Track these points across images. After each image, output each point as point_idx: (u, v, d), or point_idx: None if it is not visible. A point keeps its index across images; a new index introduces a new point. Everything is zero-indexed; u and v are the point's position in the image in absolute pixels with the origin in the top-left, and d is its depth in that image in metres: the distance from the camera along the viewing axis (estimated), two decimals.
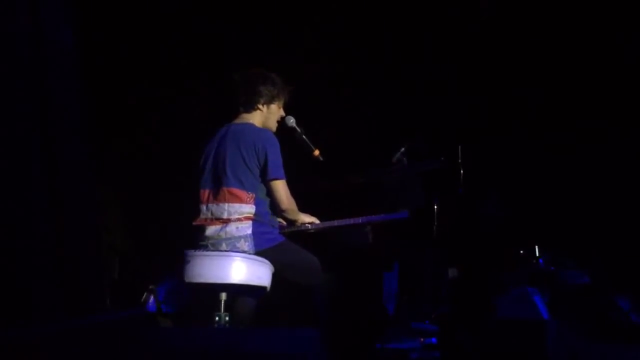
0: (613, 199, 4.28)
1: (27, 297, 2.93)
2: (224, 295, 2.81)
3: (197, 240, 2.95)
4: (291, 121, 3.19)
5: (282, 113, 3.14)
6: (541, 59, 4.53)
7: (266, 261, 2.87)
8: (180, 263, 2.86)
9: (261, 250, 2.89)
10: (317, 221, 3.06)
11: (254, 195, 2.94)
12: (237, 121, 3.09)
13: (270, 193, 2.98)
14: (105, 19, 4.24)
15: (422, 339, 3.49)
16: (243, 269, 2.79)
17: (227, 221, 2.90)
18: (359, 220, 3.02)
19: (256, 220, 2.93)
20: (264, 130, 3.05)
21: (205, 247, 2.91)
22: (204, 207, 2.98)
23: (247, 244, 2.89)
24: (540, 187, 4.41)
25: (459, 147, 3.85)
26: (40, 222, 3.13)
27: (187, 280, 2.84)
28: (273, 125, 3.13)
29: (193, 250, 2.88)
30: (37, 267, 3.05)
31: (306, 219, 3.05)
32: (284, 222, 3.14)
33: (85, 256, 3.38)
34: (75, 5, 3.40)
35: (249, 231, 2.90)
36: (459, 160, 3.83)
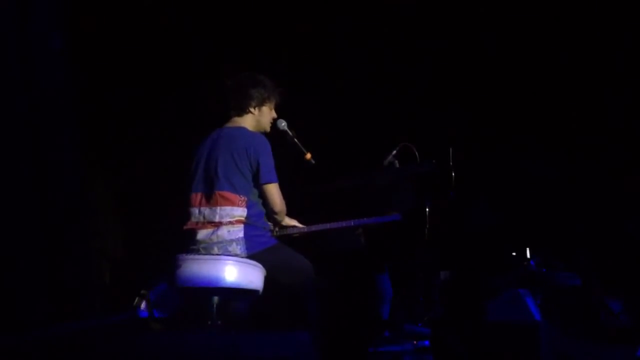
0: (604, 201, 4.30)
1: (17, 302, 2.91)
2: (216, 299, 2.80)
3: (189, 244, 2.93)
4: (283, 124, 3.19)
5: (274, 114, 3.14)
6: (534, 63, 4.55)
7: (258, 264, 2.86)
8: (172, 268, 2.84)
9: (253, 254, 2.88)
10: (302, 227, 3.07)
11: (246, 198, 2.94)
12: (230, 125, 3.09)
13: (262, 196, 2.98)
14: (95, 21, 4.22)
15: (415, 342, 3.49)
16: (235, 273, 2.78)
17: (218, 224, 2.89)
18: (351, 223, 3.02)
19: (248, 223, 2.92)
20: (256, 134, 3.05)
21: (196, 251, 2.89)
22: (195, 211, 2.97)
23: (239, 247, 2.88)
24: (531, 189, 4.42)
25: (450, 149, 3.86)
26: (30, 228, 3.11)
27: (179, 284, 2.82)
28: (267, 126, 3.13)
29: (184, 255, 2.87)
30: (26, 272, 3.03)
31: (292, 223, 3.07)
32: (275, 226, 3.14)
33: (76, 261, 3.37)
34: (64, 8, 3.40)
35: (241, 234, 2.89)
36: (451, 163, 3.83)
